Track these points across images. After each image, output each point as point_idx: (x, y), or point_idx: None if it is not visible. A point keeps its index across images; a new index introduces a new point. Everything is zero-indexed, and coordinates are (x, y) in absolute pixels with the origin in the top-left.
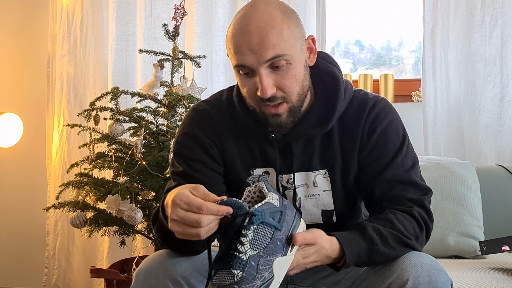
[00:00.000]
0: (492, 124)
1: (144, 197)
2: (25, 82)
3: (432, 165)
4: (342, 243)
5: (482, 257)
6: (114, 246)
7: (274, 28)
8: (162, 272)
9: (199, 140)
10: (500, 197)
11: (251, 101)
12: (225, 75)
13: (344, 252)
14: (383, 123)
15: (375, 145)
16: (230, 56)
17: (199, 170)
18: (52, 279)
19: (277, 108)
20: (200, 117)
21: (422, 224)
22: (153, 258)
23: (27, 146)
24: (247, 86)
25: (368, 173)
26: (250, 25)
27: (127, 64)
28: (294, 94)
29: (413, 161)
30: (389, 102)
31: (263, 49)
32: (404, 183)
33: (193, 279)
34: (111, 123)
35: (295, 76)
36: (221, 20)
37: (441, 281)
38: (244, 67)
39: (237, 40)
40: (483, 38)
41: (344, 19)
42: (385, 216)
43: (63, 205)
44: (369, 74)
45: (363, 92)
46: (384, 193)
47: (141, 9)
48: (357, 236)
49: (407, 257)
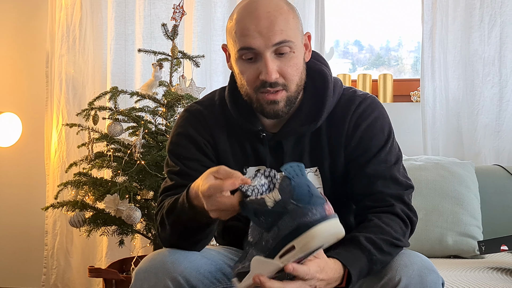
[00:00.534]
0: (491, 124)
1: (143, 196)
2: (24, 82)
3: (430, 165)
4: (346, 263)
5: (480, 256)
6: (113, 245)
7: (282, 15)
8: (162, 271)
9: (194, 139)
10: (498, 197)
11: (249, 89)
12: (224, 75)
13: (350, 272)
14: (368, 119)
15: (360, 140)
16: (232, 42)
17: (195, 169)
18: (50, 278)
19: (275, 94)
20: (193, 117)
21: (407, 220)
22: (153, 257)
23: (25, 146)
24: (247, 72)
25: (352, 168)
26: (259, 10)
27: (126, 63)
28: (294, 83)
29: (397, 158)
30: (378, 100)
31: (272, 33)
32: (385, 178)
33: (193, 278)
34: (110, 123)
35: (297, 65)
36: (220, 20)
37: (432, 280)
38: (250, 50)
39: (245, 23)
40: (482, 38)
41: (343, 19)
42: (372, 222)
43: (61, 205)
44: (368, 74)
45: (352, 89)
46: (366, 188)
47: (140, 9)
48: (354, 251)
49: (398, 257)
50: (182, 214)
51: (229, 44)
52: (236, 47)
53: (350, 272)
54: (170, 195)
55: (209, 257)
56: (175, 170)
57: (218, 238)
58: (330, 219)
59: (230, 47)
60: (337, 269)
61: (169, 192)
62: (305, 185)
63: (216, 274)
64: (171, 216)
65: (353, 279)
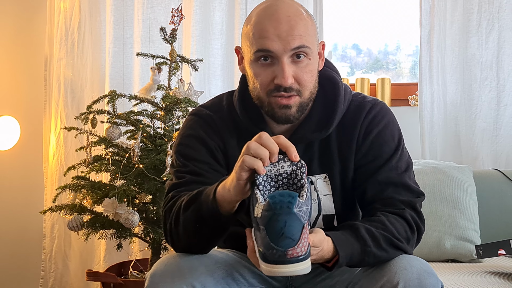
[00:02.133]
0: (489, 128)
1: (141, 200)
2: (22, 85)
3: (428, 169)
4: (336, 244)
5: (478, 261)
6: (111, 249)
7: (302, 21)
8: (179, 276)
9: (205, 142)
10: (496, 201)
11: (261, 92)
12: (222, 79)
13: (338, 253)
14: (379, 126)
15: (370, 147)
16: (248, 43)
17: (205, 171)
18: (48, 282)
19: (289, 99)
20: (203, 121)
21: (414, 227)
22: (168, 261)
23: (24, 149)
24: (262, 75)
25: (362, 174)
26: (279, 13)
27: (124, 67)
28: (308, 89)
29: (407, 164)
30: (387, 106)
31: (291, 37)
32: (397, 185)
33: (208, 283)
34: (108, 126)
35: (312, 72)
36: (218, 24)
37: (431, 283)
38: (267, 53)
39: (264, 25)
40: (480, 43)
41: (342, 23)
42: (378, 218)
43: (60, 208)
44: (366, 78)
45: (361, 95)
46: (376, 195)
47: (138, 13)
48: (350, 237)
49: (397, 260)
50: (204, 206)
51: (244, 46)
52: (253, 49)
53: (339, 253)
54: (183, 191)
55: (221, 262)
56: (184, 169)
57: (220, 243)
58: (287, 264)
59: (245, 49)
60: (329, 248)
61: (181, 188)
62: (282, 222)
63: (227, 279)
64: (190, 208)
65: (340, 260)
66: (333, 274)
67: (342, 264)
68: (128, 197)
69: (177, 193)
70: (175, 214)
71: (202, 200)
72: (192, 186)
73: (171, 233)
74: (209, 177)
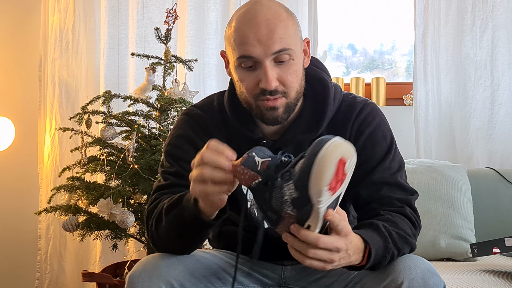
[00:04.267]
0: (483, 127)
1: (136, 200)
2: (16, 86)
3: (423, 168)
4: (367, 239)
5: (473, 259)
6: (107, 250)
7: (282, 23)
8: (156, 275)
9: (194, 142)
10: (491, 199)
11: (248, 96)
12: (217, 79)
13: (369, 245)
14: (370, 126)
15: (363, 147)
16: (231, 49)
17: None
18: (44, 283)
19: (275, 101)
20: (194, 121)
21: (415, 223)
22: (146, 261)
23: (18, 150)
24: (247, 80)
25: (355, 175)
26: (258, 18)
27: (119, 67)
28: (294, 90)
29: (399, 164)
30: (377, 106)
31: (271, 41)
32: (391, 184)
33: (187, 282)
34: (103, 127)
35: (296, 72)
36: (213, 24)
37: (434, 283)
38: (249, 59)
39: (244, 31)
40: (474, 42)
41: (337, 23)
42: (384, 217)
43: (55, 209)
44: (361, 78)
45: (352, 95)
46: (372, 195)
47: (133, 13)
48: (374, 233)
49: (401, 260)
50: (185, 211)
51: (228, 51)
52: (235, 55)
53: (370, 248)
54: (166, 193)
55: (204, 261)
56: (170, 170)
57: (213, 241)
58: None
59: (229, 54)
60: (359, 246)
61: (165, 191)
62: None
63: (211, 278)
64: (172, 212)
65: (373, 254)
66: (329, 273)
67: (372, 260)
68: (123, 198)
69: (160, 195)
70: (157, 216)
71: (183, 206)
72: (175, 189)
73: (152, 234)
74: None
